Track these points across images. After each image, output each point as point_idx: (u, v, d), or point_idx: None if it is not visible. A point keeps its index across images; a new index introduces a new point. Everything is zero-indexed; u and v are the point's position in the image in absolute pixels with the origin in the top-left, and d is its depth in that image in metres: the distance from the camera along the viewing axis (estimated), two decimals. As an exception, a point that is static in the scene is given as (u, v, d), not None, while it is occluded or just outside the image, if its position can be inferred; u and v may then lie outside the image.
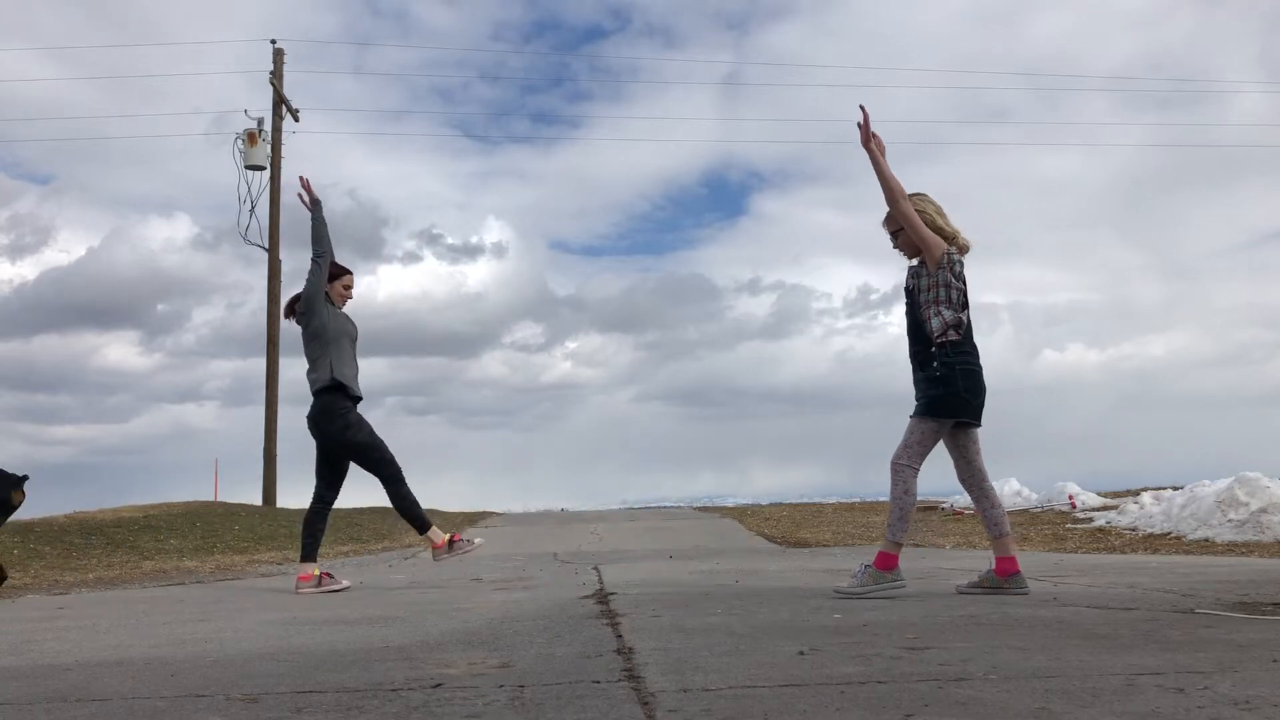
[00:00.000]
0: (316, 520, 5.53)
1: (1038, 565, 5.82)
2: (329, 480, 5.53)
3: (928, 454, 4.17)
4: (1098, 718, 1.82)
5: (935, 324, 4.13)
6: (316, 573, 5.42)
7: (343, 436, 5.35)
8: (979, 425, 4.23)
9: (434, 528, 5.49)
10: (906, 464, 4.15)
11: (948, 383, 4.08)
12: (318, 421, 5.37)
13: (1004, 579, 4.11)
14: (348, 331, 5.51)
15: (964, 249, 4.27)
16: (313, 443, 5.50)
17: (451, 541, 5.42)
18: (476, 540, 5.53)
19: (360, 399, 5.49)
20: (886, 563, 4.12)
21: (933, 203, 4.31)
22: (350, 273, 5.64)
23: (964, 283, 4.22)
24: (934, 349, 4.13)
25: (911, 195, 4.28)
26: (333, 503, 5.59)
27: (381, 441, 5.44)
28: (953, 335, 4.11)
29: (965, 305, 4.22)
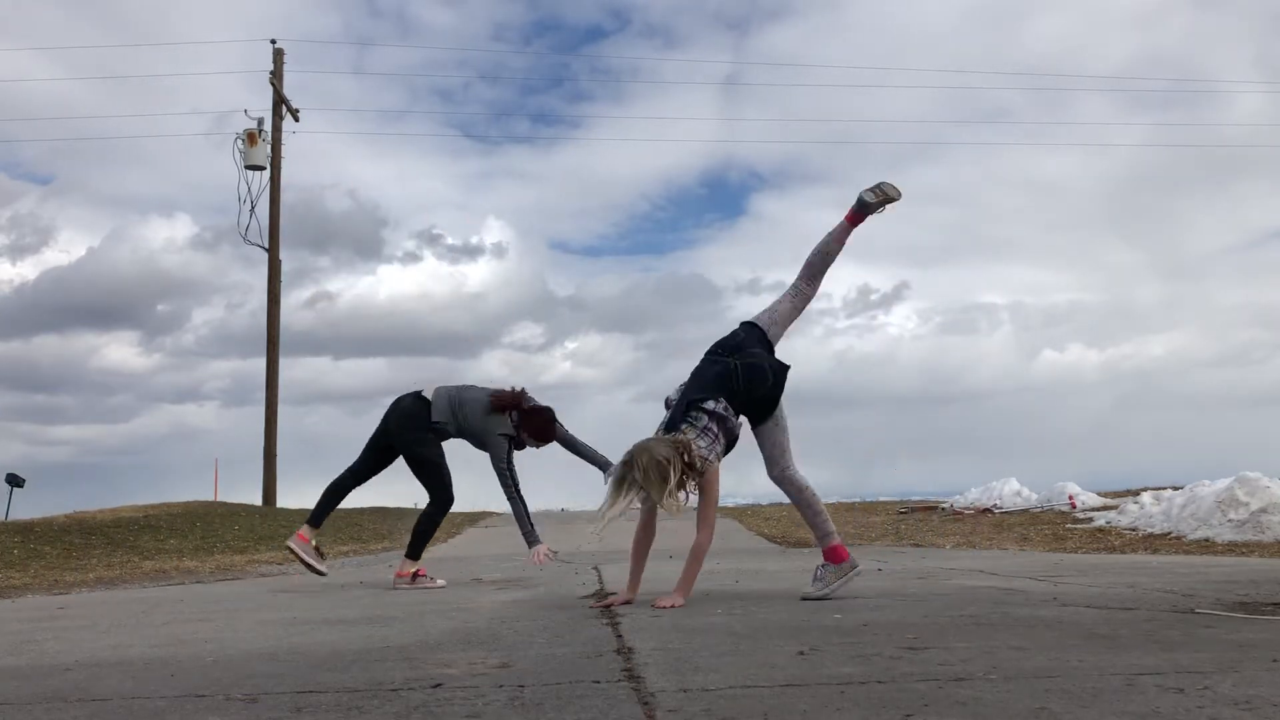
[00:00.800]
0: (339, 489, 5.66)
1: (1038, 565, 5.83)
2: (369, 464, 5.66)
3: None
4: (1098, 718, 1.82)
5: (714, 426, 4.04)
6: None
7: (412, 446, 5.47)
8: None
9: (419, 561, 5.58)
10: (784, 466, 4.19)
11: (750, 392, 4.09)
12: (400, 420, 5.49)
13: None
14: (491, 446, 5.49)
15: (687, 446, 3.90)
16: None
17: (416, 575, 5.49)
18: (439, 581, 5.51)
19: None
20: (838, 555, 4.14)
21: (657, 480, 3.77)
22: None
23: (712, 411, 4.00)
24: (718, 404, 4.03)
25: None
26: (360, 483, 5.70)
27: (447, 468, 5.54)
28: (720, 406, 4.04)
29: (722, 374, 4.09)
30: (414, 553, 5.53)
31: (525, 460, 5.56)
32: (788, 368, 4.21)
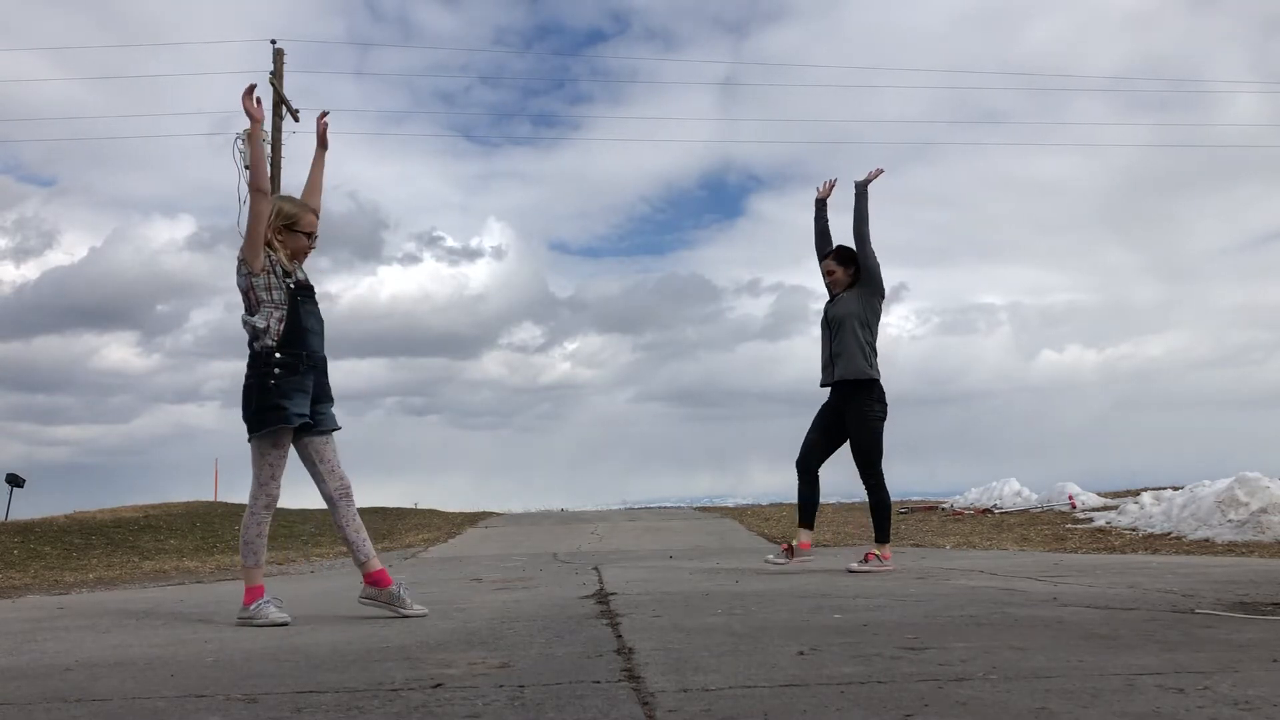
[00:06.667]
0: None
1: (1038, 565, 5.83)
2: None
3: None
4: (1098, 718, 1.82)
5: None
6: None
7: (869, 423, 5.63)
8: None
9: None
10: None
11: None
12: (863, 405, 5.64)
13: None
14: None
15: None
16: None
17: None
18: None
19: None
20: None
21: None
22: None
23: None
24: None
25: None
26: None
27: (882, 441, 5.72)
28: None
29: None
30: (883, 535, 5.83)
31: (527, 459, 5.56)
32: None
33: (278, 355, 3.82)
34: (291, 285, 3.90)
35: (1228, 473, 8.76)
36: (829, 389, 5.77)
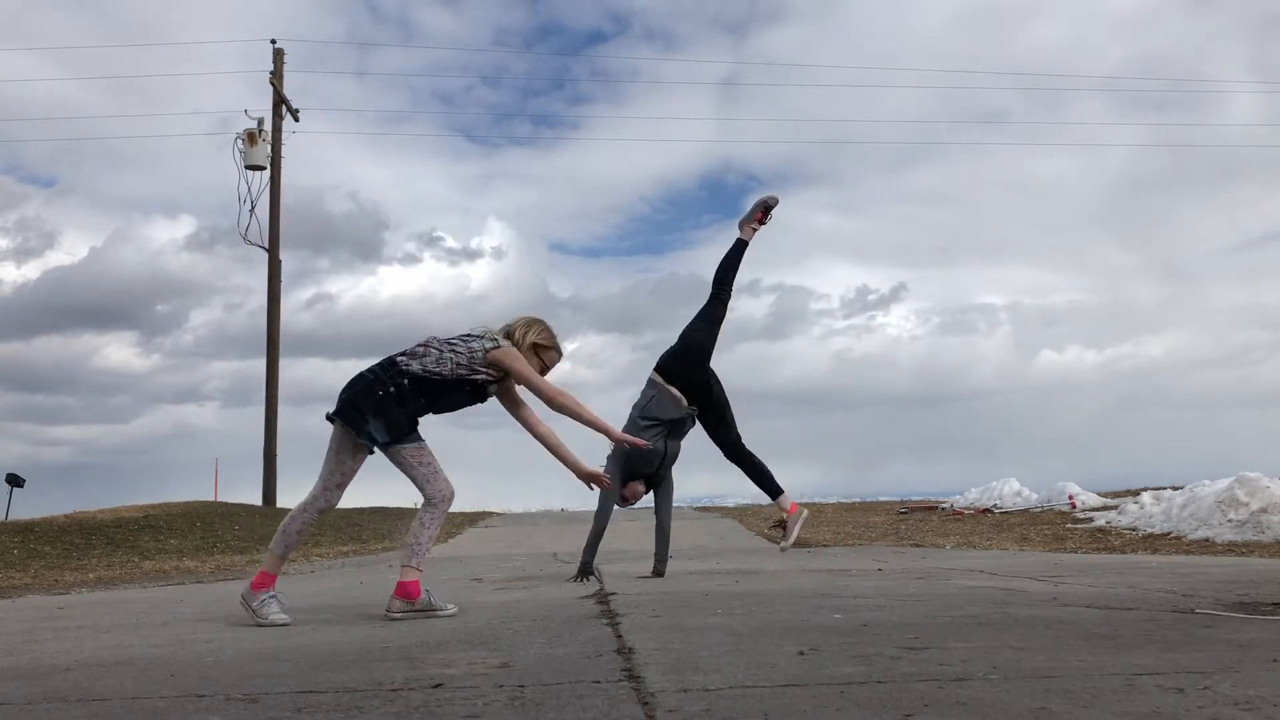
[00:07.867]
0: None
1: (1038, 565, 5.83)
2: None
3: None
4: (1098, 718, 1.82)
5: None
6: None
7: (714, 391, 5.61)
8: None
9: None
10: None
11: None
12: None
13: None
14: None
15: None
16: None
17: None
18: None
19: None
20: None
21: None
22: None
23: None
24: None
25: None
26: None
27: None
28: None
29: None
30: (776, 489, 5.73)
31: (527, 459, 5.51)
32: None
33: (405, 381, 3.78)
34: (478, 380, 3.88)
35: (1228, 473, 8.77)
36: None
